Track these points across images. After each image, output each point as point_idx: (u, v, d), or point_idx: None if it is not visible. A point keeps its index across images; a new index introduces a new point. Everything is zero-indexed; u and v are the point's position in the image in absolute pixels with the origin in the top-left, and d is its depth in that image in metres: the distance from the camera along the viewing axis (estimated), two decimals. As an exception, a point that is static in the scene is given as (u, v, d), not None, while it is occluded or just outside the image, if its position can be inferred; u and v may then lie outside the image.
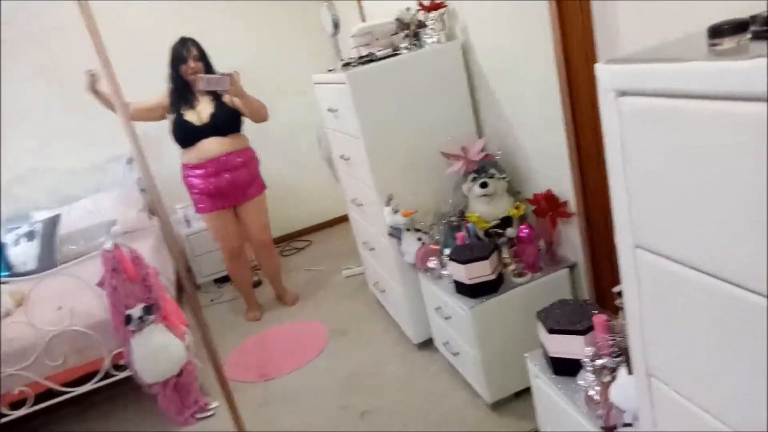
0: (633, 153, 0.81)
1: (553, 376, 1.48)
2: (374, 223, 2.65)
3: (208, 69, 2.92)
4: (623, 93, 0.79)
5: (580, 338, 1.40)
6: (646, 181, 0.80)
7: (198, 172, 2.99)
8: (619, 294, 1.53)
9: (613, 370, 1.35)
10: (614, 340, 1.30)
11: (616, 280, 1.84)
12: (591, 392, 1.29)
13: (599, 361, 1.35)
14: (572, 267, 2.06)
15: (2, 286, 2.82)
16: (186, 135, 2.94)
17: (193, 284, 4.04)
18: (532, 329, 2.02)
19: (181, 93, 2.93)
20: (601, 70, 0.82)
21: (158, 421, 2.54)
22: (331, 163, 3.37)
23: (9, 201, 3.90)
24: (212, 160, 2.95)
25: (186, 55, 2.87)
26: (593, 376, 1.37)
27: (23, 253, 3.36)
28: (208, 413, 2.53)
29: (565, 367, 1.45)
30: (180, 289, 3.65)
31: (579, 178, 1.77)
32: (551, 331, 1.44)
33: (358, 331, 2.95)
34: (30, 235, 3.41)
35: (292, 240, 4.53)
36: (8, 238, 3.42)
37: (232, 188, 3.03)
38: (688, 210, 0.74)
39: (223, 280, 4.03)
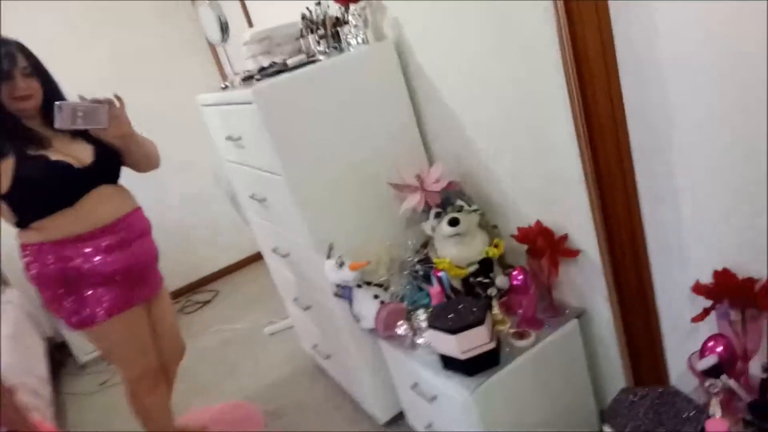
0: None
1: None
2: (307, 278, 2.09)
3: (53, 93, 1.74)
4: None
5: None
6: None
7: (87, 249, 1.75)
8: (708, 372, 1.12)
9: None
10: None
11: (655, 334, 1.47)
12: None
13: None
14: (579, 315, 1.64)
15: None
16: (61, 185, 1.70)
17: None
18: (543, 401, 1.60)
19: (12, 128, 1.68)
20: None
21: None
22: (235, 201, 2.73)
23: None
24: (107, 227, 1.78)
25: (10, 67, 1.64)
26: None
27: None
28: None
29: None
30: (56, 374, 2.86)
31: (598, 200, 1.33)
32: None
33: (301, 410, 2.36)
34: None
35: (192, 293, 3.78)
36: None
37: (141, 272, 1.89)
38: None
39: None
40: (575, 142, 1.30)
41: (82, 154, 1.75)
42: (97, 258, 1.76)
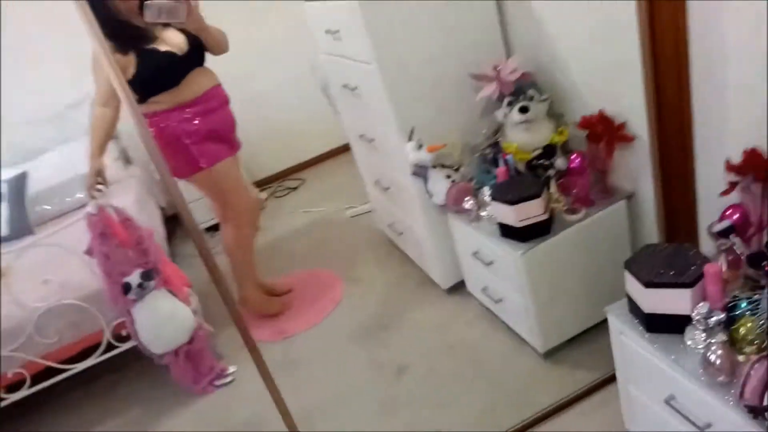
0: None
1: (647, 334, 1.28)
2: (389, 160, 2.37)
3: None
4: None
5: (686, 292, 1.19)
6: None
7: (192, 111, 2.27)
8: (721, 234, 1.32)
9: (728, 327, 1.17)
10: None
11: (692, 214, 1.65)
12: (712, 356, 1.10)
13: (713, 318, 1.16)
14: (629, 197, 1.84)
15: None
16: (169, 70, 2.20)
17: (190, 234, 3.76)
18: (586, 270, 1.85)
19: (128, 29, 2.11)
20: None
21: (172, 391, 2.34)
22: (327, 91, 3.02)
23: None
24: (200, 97, 2.29)
25: None
26: (704, 335, 1.18)
27: (-9, 218, 3.00)
28: (227, 379, 2.34)
29: (662, 324, 1.25)
30: (169, 240, 3.37)
31: (654, 93, 1.49)
32: (648, 285, 1.23)
33: (375, 277, 2.74)
34: (-5, 197, 3.04)
35: (282, 180, 4.20)
36: (-29, 202, 3.05)
37: (227, 133, 2.42)
38: None
39: (215, 228, 3.73)
40: (637, 33, 1.45)
41: (180, 42, 2.23)
42: (196, 120, 2.28)
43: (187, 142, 2.27)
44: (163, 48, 2.19)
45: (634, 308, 1.33)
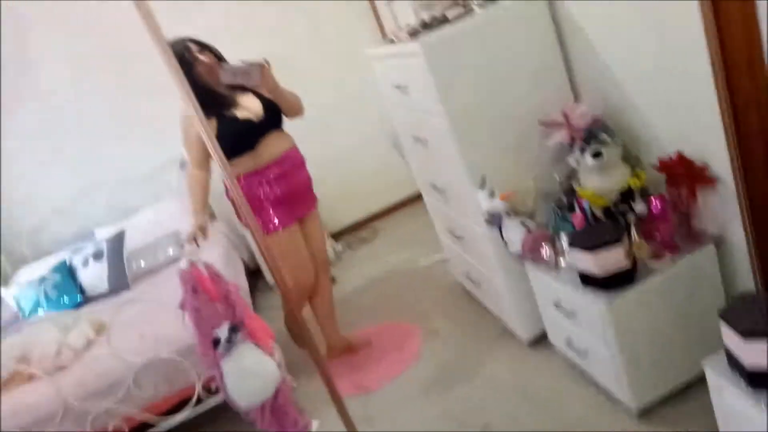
0: None
1: (751, 390, 1.20)
2: (462, 209, 2.38)
3: (220, 60, 2.39)
4: None
5: (792, 345, 1.11)
6: None
7: (268, 175, 2.41)
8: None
9: None
10: None
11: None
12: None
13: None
14: (717, 242, 1.75)
15: (81, 314, 2.73)
16: (246, 136, 2.36)
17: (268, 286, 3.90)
18: (678, 319, 1.75)
19: (211, 95, 2.26)
20: None
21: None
22: (397, 144, 3.10)
23: (70, 220, 3.84)
24: (275, 161, 2.42)
25: (191, 56, 2.28)
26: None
27: (94, 276, 3.26)
28: (310, 433, 2.36)
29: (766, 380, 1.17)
30: (251, 293, 3.51)
31: (734, 132, 1.43)
32: (748, 337, 1.16)
33: (452, 329, 2.71)
34: (97, 256, 3.31)
35: (356, 231, 4.30)
36: (76, 260, 3.33)
37: (300, 194, 2.53)
38: None
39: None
40: (710, 69, 1.41)
41: (256, 108, 2.38)
42: (271, 184, 2.41)
43: (263, 204, 2.41)
44: (241, 115, 2.35)
45: (733, 362, 1.24)
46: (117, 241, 3.37)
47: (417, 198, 3.88)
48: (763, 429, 1.17)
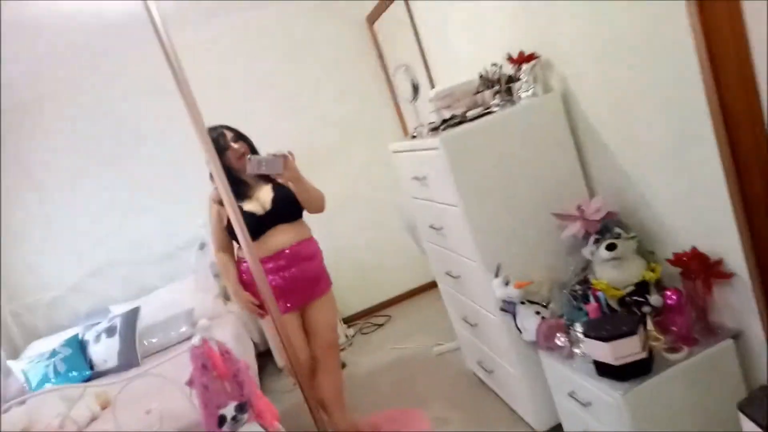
0: None
1: (777, 488, 1.16)
2: (475, 297, 2.40)
3: (253, 151, 2.52)
4: None
5: (815, 440, 1.09)
6: None
7: (266, 267, 2.42)
8: None
9: None
10: None
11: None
12: None
13: None
14: (735, 337, 1.74)
15: (87, 387, 2.70)
16: (249, 229, 2.34)
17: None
18: (697, 412, 1.71)
19: (235, 184, 2.31)
20: None
21: None
22: (414, 232, 3.17)
23: (87, 296, 3.89)
24: (280, 253, 2.46)
25: (224, 142, 2.44)
26: None
27: (104, 351, 3.27)
28: None
29: (793, 477, 1.14)
30: (260, 375, 3.46)
31: (746, 227, 1.48)
32: (769, 431, 1.14)
33: (464, 418, 2.64)
34: (110, 331, 3.33)
35: (369, 316, 4.29)
36: (89, 335, 3.35)
37: (302, 284, 2.53)
38: None
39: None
40: (721, 169, 1.48)
41: (265, 200, 2.47)
42: (272, 273, 2.45)
43: (257, 293, 2.42)
44: (246, 207, 2.42)
45: (756, 457, 1.21)
46: (131, 317, 3.40)
47: (431, 286, 3.91)
48: None
